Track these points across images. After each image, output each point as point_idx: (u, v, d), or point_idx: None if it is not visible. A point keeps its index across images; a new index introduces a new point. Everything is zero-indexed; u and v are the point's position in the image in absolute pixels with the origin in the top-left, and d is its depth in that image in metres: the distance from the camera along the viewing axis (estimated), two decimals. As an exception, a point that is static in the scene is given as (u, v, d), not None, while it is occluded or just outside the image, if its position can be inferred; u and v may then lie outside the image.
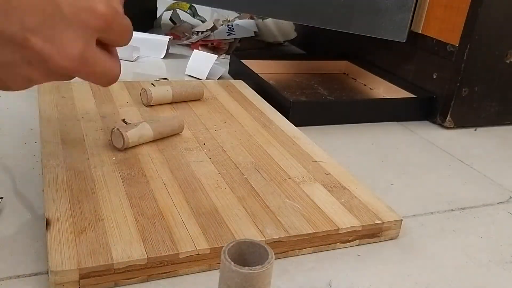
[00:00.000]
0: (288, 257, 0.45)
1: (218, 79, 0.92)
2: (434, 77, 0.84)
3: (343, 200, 0.51)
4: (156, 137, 0.58)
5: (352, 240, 0.47)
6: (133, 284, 0.40)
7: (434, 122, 0.84)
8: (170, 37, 1.04)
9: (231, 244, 0.34)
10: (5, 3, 0.31)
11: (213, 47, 1.12)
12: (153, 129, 0.58)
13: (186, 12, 1.32)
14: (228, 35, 1.13)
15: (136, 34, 0.49)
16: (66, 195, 0.46)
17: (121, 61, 0.39)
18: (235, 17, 1.30)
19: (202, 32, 1.13)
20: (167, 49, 1.03)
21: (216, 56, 0.94)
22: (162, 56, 1.02)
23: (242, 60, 0.92)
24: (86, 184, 0.48)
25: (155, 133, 0.58)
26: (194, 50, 0.97)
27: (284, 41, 1.24)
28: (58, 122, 0.61)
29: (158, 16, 1.33)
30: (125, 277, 0.39)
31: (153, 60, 1.01)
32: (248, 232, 0.44)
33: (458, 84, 0.79)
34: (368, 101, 0.85)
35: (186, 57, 1.06)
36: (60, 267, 0.37)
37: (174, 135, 0.61)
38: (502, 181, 0.66)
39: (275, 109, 0.74)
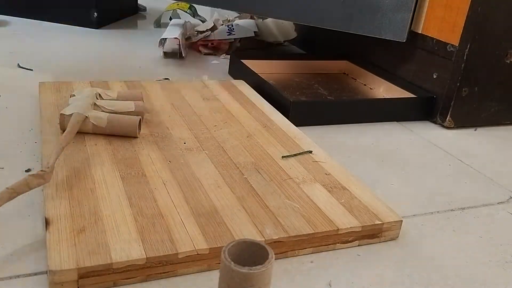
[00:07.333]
0: (288, 257, 0.45)
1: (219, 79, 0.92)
2: (434, 77, 0.84)
3: (343, 201, 0.51)
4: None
5: (352, 241, 0.47)
6: (132, 284, 0.40)
7: (434, 122, 0.84)
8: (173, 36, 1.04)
9: (231, 244, 0.34)
10: None
11: (213, 47, 1.12)
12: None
13: (186, 12, 1.32)
14: (228, 35, 1.13)
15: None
16: (66, 195, 0.46)
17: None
18: (235, 17, 1.29)
19: (202, 32, 1.13)
20: (180, 52, 1.03)
21: None
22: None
23: (242, 60, 0.92)
24: (85, 184, 0.48)
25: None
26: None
27: (284, 41, 1.24)
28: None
29: (159, 15, 1.33)
30: (124, 277, 0.39)
31: (153, 59, 1.01)
32: (247, 232, 0.44)
33: (458, 84, 0.79)
34: (368, 101, 0.85)
35: (187, 57, 1.06)
36: (59, 266, 0.37)
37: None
38: (502, 181, 0.65)
39: (275, 109, 0.74)
